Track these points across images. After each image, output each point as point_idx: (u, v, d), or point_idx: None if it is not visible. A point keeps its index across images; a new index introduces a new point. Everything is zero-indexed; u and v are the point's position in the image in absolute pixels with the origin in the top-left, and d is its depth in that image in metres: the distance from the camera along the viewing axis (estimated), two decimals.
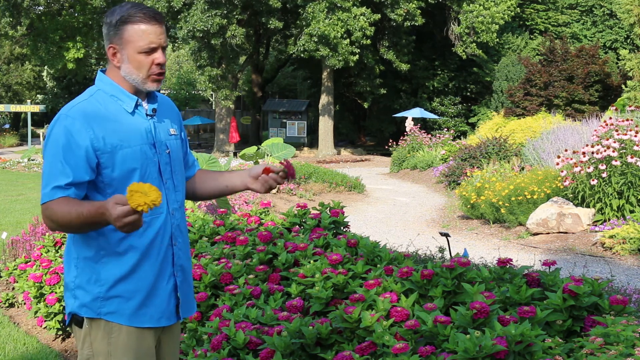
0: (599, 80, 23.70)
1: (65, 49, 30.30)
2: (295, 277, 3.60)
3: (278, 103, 36.20)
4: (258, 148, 13.95)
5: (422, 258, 5.10)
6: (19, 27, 29.58)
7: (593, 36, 34.45)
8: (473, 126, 30.88)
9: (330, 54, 25.80)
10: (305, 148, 32.83)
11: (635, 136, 8.26)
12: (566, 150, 9.66)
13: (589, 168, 8.51)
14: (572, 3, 35.22)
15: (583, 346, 2.52)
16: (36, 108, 40.34)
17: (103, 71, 2.20)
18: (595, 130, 9.53)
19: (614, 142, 8.35)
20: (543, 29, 34.40)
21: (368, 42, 26.31)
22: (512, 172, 10.86)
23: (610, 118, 9.07)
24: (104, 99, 2.13)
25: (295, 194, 12.63)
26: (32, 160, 22.92)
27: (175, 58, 48.27)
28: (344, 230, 4.63)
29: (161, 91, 2.28)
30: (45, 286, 4.93)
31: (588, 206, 8.66)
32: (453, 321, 2.71)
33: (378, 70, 29.46)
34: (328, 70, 29.17)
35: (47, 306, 4.80)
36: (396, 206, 12.65)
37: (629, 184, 8.24)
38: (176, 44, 33.40)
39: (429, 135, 21.89)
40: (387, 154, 26.49)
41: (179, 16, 26.27)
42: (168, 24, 26.86)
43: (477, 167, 13.10)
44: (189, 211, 5.98)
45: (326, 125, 29.99)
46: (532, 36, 34.72)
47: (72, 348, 4.70)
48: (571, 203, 8.71)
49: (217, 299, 3.75)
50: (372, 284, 3.16)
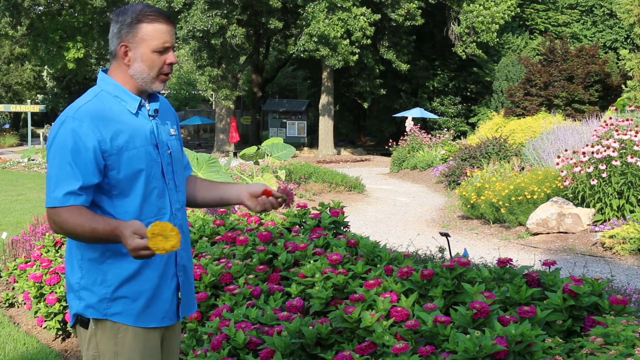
0: (599, 80, 23.69)
1: (65, 49, 30.30)
2: (295, 277, 3.60)
3: (278, 103, 36.20)
4: (258, 148, 13.95)
5: (422, 258, 5.10)
6: (19, 27, 29.59)
7: (593, 36, 34.46)
8: (473, 126, 30.89)
9: (330, 54, 25.80)
10: (305, 148, 32.83)
11: (635, 136, 8.26)
12: (566, 150, 9.66)
13: (589, 168, 8.51)
14: (572, 3, 35.22)
15: (583, 346, 2.52)
16: (36, 108, 40.37)
17: (105, 71, 2.18)
18: (595, 130, 9.52)
19: (614, 142, 8.35)
20: (543, 29, 34.42)
21: (368, 42, 26.31)
22: (512, 172, 10.85)
23: (610, 118, 9.07)
24: (108, 100, 2.11)
25: (295, 194, 12.64)
26: (32, 160, 22.91)
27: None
28: (344, 230, 4.62)
29: (161, 91, 2.28)
30: (45, 286, 4.92)
31: (588, 206, 8.65)
32: (453, 321, 2.71)
33: (378, 70, 29.45)
34: (328, 70, 29.17)
35: (47, 306, 4.79)
36: (396, 206, 12.65)
37: (629, 184, 8.24)
38: (176, 44, 33.37)
39: (429, 135, 21.88)
40: (387, 154, 26.49)
41: (179, 16, 26.25)
42: None
43: (477, 167, 13.09)
44: (189, 211, 5.97)
45: (326, 125, 29.99)
46: (532, 36, 34.73)
47: (72, 348, 4.70)
48: (571, 203, 8.71)
49: (217, 299, 3.75)
50: (372, 284, 3.16)
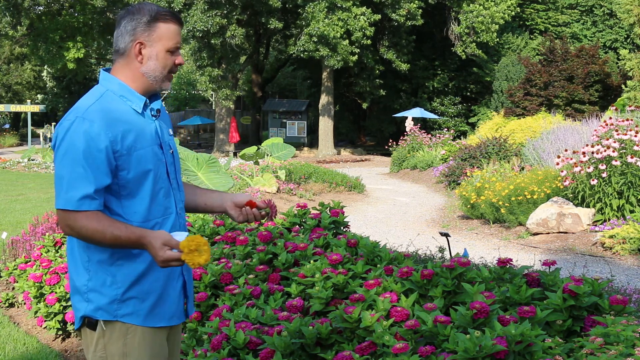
0: (599, 80, 23.69)
1: (65, 49, 30.30)
2: (295, 277, 3.60)
3: (278, 103, 36.20)
4: (258, 148, 13.95)
5: (422, 258, 5.10)
6: (19, 27, 29.59)
7: (593, 36, 34.45)
8: (473, 126, 30.89)
9: (329, 54, 25.79)
10: (305, 148, 32.83)
11: (635, 136, 8.26)
12: (566, 150, 9.66)
13: (589, 168, 8.50)
14: (572, 3, 35.22)
15: (583, 346, 2.52)
16: (36, 108, 40.38)
17: (107, 70, 2.15)
18: (595, 130, 9.52)
19: (614, 142, 8.35)
20: (543, 29, 34.42)
21: (368, 42, 26.31)
22: (512, 172, 10.85)
23: (610, 118, 9.07)
24: (114, 100, 2.09)
25: (295, 194, 12.62)
26: (32, 160, 22.92)
27: None
28: (344, 230, 4.62)
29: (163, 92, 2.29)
30: (45, 286, 4.92)
31: (588, 206, 8.65)
32: (453, 321, 2.71)
33: (378, 70, 29.46)
34: (328, 70, 29.17)
35: (47, 306, 4.79)
36: (396, 206, 12.65)
37: (629, 184, 8.24)
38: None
39: (429, 135, 21.88)
40: (387, 154, 26.49)
41: (179, 16, 26.26)
42: None
43: (477, 167, 13.09)
44: None
45: (326, 125, 29.99)
46: (532, 36, 34.72)
47: (72, 348, 4.70)
48: (571, 203, 8.71)
49: (217, 299, 3.75)
50: (372, 284, 3.16)
